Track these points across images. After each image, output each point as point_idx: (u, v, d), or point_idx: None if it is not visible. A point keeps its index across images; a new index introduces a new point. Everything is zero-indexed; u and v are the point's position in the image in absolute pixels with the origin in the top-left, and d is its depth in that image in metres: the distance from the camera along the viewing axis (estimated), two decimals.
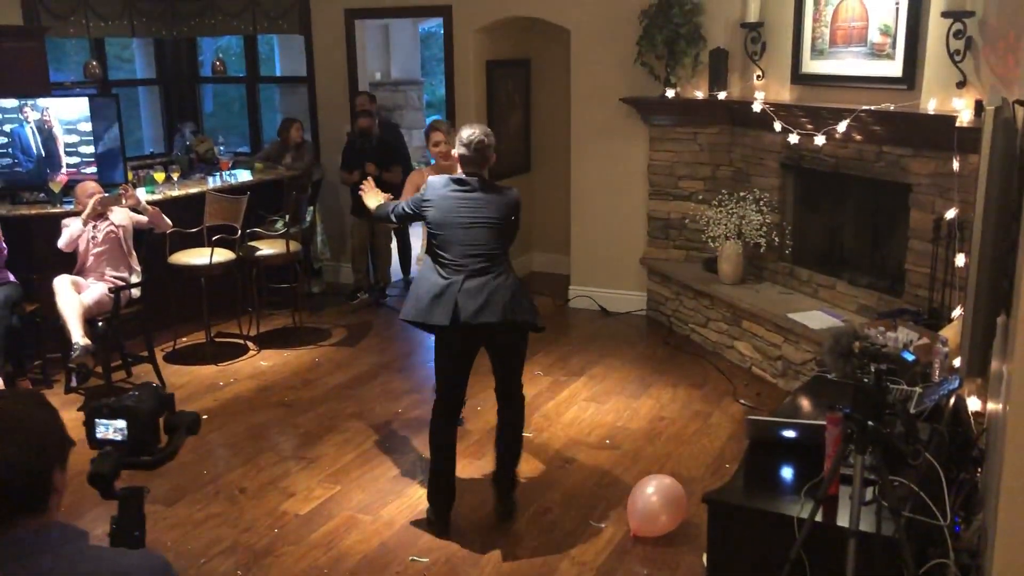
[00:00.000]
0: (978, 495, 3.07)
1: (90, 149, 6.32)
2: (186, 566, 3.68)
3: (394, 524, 3.98)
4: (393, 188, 7.39)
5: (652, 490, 3.82)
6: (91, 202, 5.32)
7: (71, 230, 5.34)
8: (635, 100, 6.56)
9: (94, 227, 5.35)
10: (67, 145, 6.30)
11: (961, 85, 4.46)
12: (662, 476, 3.97)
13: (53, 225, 5.49)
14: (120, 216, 5.44)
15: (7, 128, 6.14)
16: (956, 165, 4.34)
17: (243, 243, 6.34)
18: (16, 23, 6.64)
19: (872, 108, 4.80)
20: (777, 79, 5.83)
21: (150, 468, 1.86)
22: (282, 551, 3.78)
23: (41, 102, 6.24)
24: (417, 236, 7.74)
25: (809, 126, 5.33)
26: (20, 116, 6.17)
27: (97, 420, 1.82)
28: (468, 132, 3.83)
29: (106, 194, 5.46)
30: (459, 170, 3.92)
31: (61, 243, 5.34)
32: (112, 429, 1.81)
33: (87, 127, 6.30)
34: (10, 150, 6.16)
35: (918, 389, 3.37)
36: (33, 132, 6.20)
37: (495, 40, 7.42)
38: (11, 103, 6.14)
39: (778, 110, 5.53)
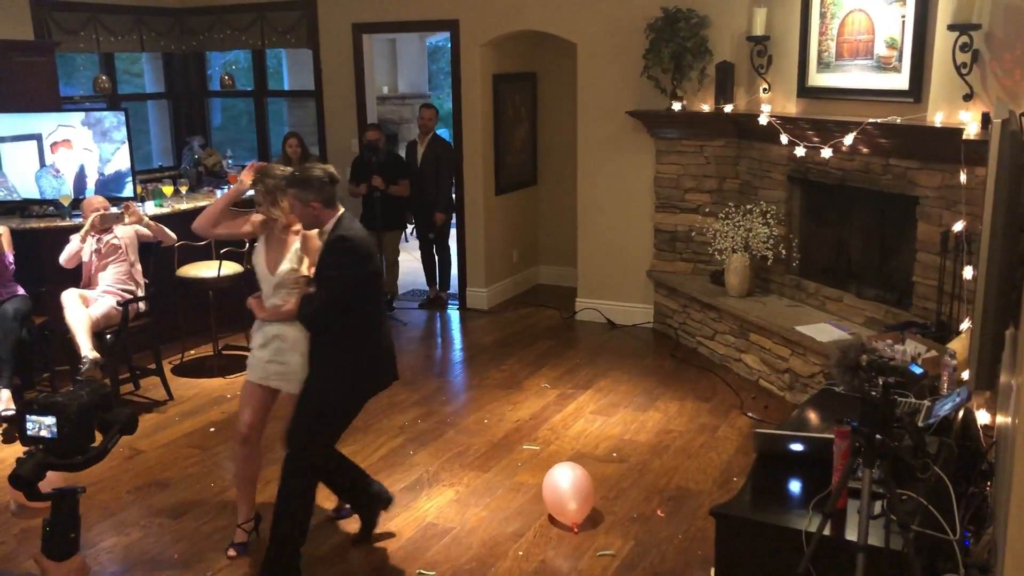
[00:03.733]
0: (988, 509, 3.04)
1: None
2: None
3: (401, 537, 3.97)
4: (400, 201, 7.48)
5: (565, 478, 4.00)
6: (91, 218, 5.33)
7: (71, 246, 5.35)
8: (641, 113, 6.58)
9: (97, 240, 5.37)
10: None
11: (968, 98, 4.46)
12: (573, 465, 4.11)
13: (62, 238, 5.50)
14: (123, 228, 5.46)
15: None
16: (963, 178, 4.33)
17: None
18: (27, 38, 6.70)
19: (879, 121, 4.80)
20: (783, 92, 5.84)
21: (76, 470, 1.78)
22: None
23: (62, 131, 6.29)
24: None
25: (815, 139, 5.33)
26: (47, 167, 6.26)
27: (28, 416, 1.75)
28: (319, 169, 3.52)
29: (111, 209, 5.46)
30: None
31: (62, 259, 5.36)
32: (41, 426, 1.75)
33: (93, 146, 6.35)
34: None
35: (926, 402, 3.36)
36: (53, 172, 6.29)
37: (502, 54, 7.45)
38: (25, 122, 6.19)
39: (784, 123, 5.54)
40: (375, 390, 3.69)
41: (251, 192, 3.95)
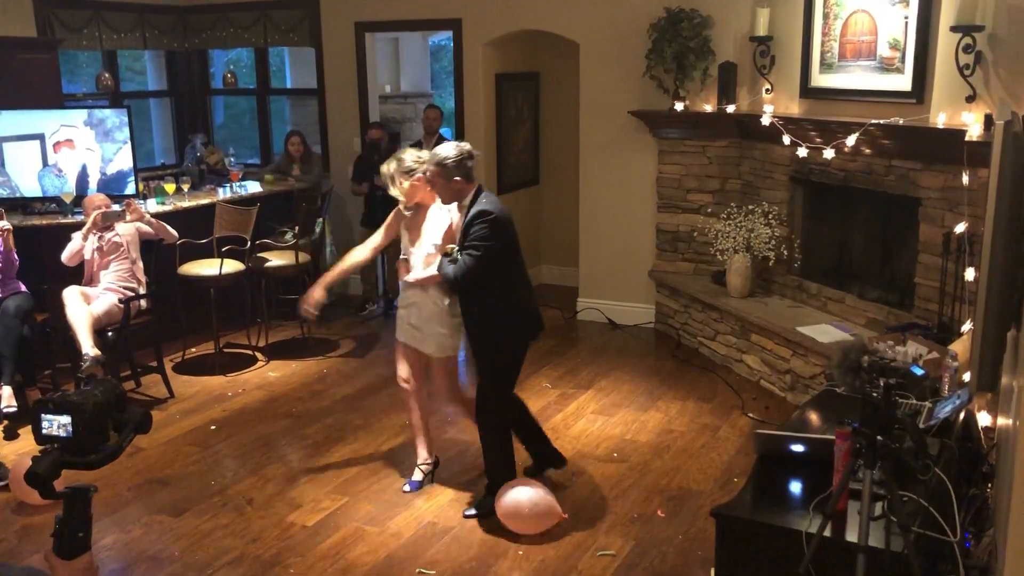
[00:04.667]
0: (988, 511, 3.05)
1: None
2: None
3: (401, 536, 3.98)
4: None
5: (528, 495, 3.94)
6: (92, 215, 5.34)
7: (72, 244, 5.36)
8: (644, 113, 6.58)
9: (99, 238, 5.38)
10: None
11: (971, 99, 4.46)
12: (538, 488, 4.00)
13: (64, 236, 5.51)
14: (124, 225, 5.46)
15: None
16: (966, 179, 4.33)
17: (252, 254, 6.36)
18: (30, 35, 6.70)
19: (881, 122, 4.80)
20: (786, 93, 5.84)
21: (92, 468, 1.79)
22: (289, 562, 3.78)
23: (65, 131, 6.28)
24: None
25: (818, 140, 5.33)
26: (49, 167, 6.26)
27: (42, 415, 1.76)
28: (455, 147, 3.85)
29: (114, 207, 5.46)
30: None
31: (63, 257, 5.37)
32: (57, 425, 1.75)
33: (96, 145, 6.36)
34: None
35: (927, 404, 3.35)
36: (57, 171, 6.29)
37: (504, 53, 7.45)
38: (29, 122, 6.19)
39: (787, 124, 5.53)
40: (528, 340, 4.08)
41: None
